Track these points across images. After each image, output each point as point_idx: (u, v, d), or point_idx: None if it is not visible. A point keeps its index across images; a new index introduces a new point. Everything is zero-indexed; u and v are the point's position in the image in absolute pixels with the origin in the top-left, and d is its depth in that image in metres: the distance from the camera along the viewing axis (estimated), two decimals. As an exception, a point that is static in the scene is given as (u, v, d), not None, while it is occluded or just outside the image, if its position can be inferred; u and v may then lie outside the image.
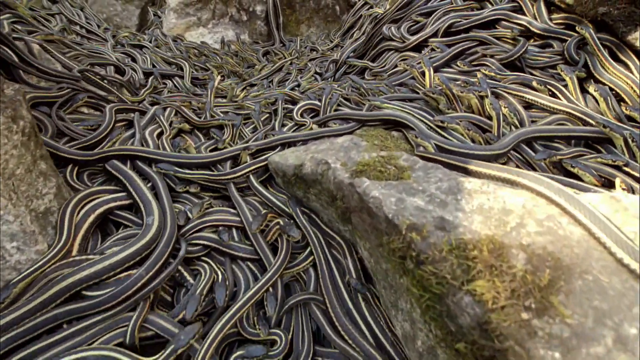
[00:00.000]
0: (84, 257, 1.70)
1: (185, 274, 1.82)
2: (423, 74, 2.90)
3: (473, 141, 2.20)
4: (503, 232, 1.21)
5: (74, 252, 1.74)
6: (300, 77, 5.00)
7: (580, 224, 1.22)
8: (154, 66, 4.81)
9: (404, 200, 1.42)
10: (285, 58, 5.89)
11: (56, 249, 1.65)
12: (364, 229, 1.62)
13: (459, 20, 3.30)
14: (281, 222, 2.02)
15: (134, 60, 4.85)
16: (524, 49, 2.83)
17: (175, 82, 4.69)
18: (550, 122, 2.42)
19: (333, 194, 1.94)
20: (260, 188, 2.27)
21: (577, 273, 1.08)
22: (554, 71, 2.71)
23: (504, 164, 2.06)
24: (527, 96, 2.54)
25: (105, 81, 3.43)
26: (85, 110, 2.89)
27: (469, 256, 1.16)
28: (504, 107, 2.39)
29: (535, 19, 3.01)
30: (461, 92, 2.37)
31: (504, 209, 1.31)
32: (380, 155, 1.87)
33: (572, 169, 1.95)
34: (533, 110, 2.57)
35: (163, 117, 2.97)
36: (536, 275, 1.08)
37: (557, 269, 1.09)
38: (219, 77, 3.58)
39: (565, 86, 2.57)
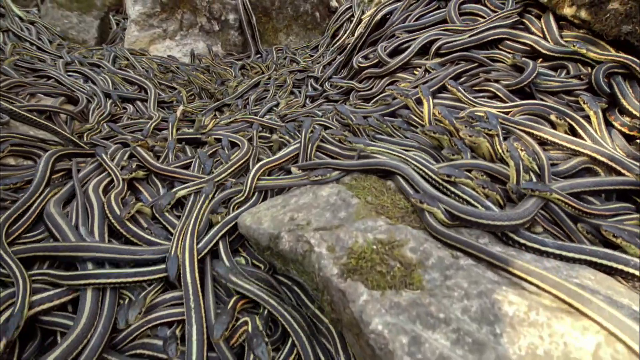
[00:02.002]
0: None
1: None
2: (419, 101, 2.49)
3: (487, 197, 1.79)
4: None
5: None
6: (279, 96, 4.52)
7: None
8: (115, 88, 4.25)
9: (421, 342, 0.98)
10: (262, 72, 5.39)
11: None
12: (363, 358, 1.19)
13: (452, 40, 2.88)
14: (249, 327, 1.56)
15: (91, 82, 4.29)
16: (534, 74, 2.44)
17: (137, 107, 4.16)
18: (574, 167, 2.04)
19: (319, 286, 1.50)
20: (231, 277, 1.79)
21: None
22: (570, 98, 2.32)
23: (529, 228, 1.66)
24: (545, 135, 2.15)
25: (46, 116, 2.89)
26: (12, 161, 2.35)
27: None
28: (521, 149, 1.99)
29: (544, 36, 2.62)
30: (470, 136, 1.95)
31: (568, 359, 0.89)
32: (379, 240, 1.44)
33: (613, 239, 1.57)
34: (548, 147, 2.19)
35: (111, 162, 2.46)
36: None
37: None
38: (182, 107, 3.07)
39: (587, 118, 2.19)
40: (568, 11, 2.45)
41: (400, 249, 1.35)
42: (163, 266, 1.80)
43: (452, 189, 1.80)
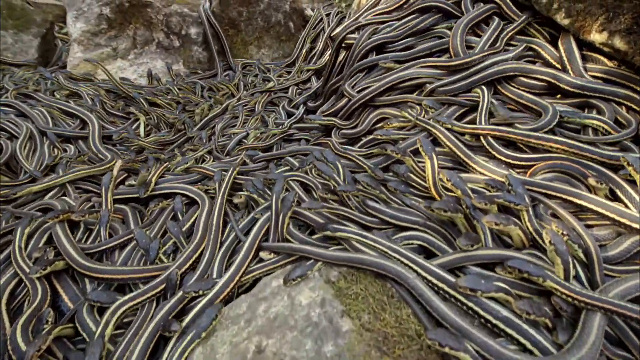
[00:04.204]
0: None
1: None
2: (416, 150, 1.98)
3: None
4: None
5: None
6: (250, 124, 3.93)
7: None
8: (56, 124, 3.56)
9: None
10: (231, 93, 4.77)
11: None
12: None
13: (446, 84, 2.36)
14: None
15: (23, 116, 3.58)
16: (555, 120, 1.96)
17: (79, 147, 3.48)
18: (628, 251, 1.56)
19: None
20: None
21: None
22: (609, 150, 1.84)
23: None
24: (583, 202, 1.67)
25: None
26: None
27: None
28: (562, 233, 1.50)
29: (563, 67, 2.14)
30: (497, 224, 1.43)
31: None
32: None
33: None
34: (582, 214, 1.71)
35: (20, 254, 1.84)
36: None
37: None
38: (119, 162, 2.45)
39: (632, 182, 1.72)
40: (597, 37, 1.98)
41: None
42: None
43: (481, 312, 1.29)
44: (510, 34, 2.38)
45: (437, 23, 2.72)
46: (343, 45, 3.09)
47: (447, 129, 2.07)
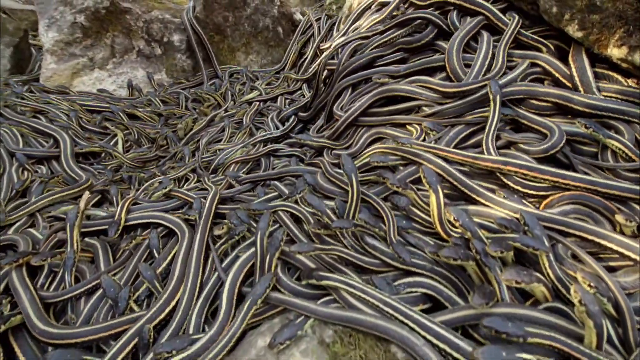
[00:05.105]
0: None
1: None
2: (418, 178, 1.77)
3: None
4: None
5: None
6: (237, 138, 3.69)
7: None
8: (27, 144, 3.29)
9: None
10: (217, 104, 4.52)
11: None
12: None
13: (442, 109, 2.16)
14: None
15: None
16: (563, 141, 1.78)
17: (52, 167, 3.22)
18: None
19: None
20: None
21: None
22: (633, 184, 1.64)
23: None
24: (608, 244, 1.48)
25: None
26: None
27: None
28: (589, 284, 1.30)
29: (574, 85, 1.95)
30: (518, 283, 1.23)
31: None
32: None
33: None
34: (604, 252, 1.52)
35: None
36: None
37: None
38: (86, 195, 2.19)
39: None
40: (615, 52, 1.79)
41: None
42: None
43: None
44: (506, 48, 2.19)
45: (427, 36, 2.54)
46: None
47: (445, 158, 1.85)
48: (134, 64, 4.54)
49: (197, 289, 1.75)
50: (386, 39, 2.59)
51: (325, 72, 3.06)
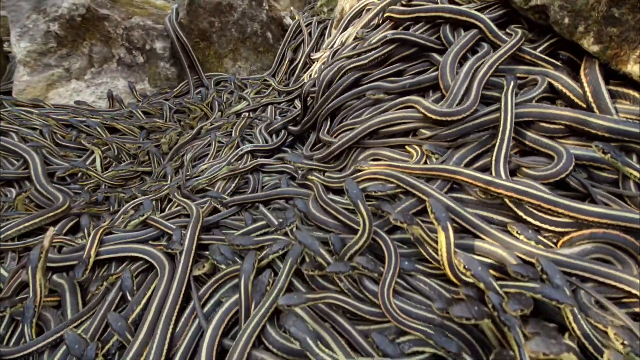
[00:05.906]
0: None
1: None
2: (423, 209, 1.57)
3: None
4: None
5: None
6: (224, 153, 3.47)
7: None
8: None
9: None
10: (204, 115, 4.29)
11: None
12: None
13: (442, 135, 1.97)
14: None
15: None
16: (571, 166, 1.60)
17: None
18: None
19: None
20: None
21: None
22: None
23: None
24: (633, 290, 1.31)
25: None
26: None
27: None
28: (617, 338, 1.13)
29: (587, 105, 1.77)
30: (547, 355, 1.05)
31: None
32: None
33: None
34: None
35: None
36: None
37: None
38: (51, 231, 1.95)
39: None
40: (636, 69, 1.62)
41: None
42: None
43: None
44: (488, 72, 2.00)
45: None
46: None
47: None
48: (114, 73, 4.29)
49: (167, 345, 1.53)
50: (366, 61, 2.42)
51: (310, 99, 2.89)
